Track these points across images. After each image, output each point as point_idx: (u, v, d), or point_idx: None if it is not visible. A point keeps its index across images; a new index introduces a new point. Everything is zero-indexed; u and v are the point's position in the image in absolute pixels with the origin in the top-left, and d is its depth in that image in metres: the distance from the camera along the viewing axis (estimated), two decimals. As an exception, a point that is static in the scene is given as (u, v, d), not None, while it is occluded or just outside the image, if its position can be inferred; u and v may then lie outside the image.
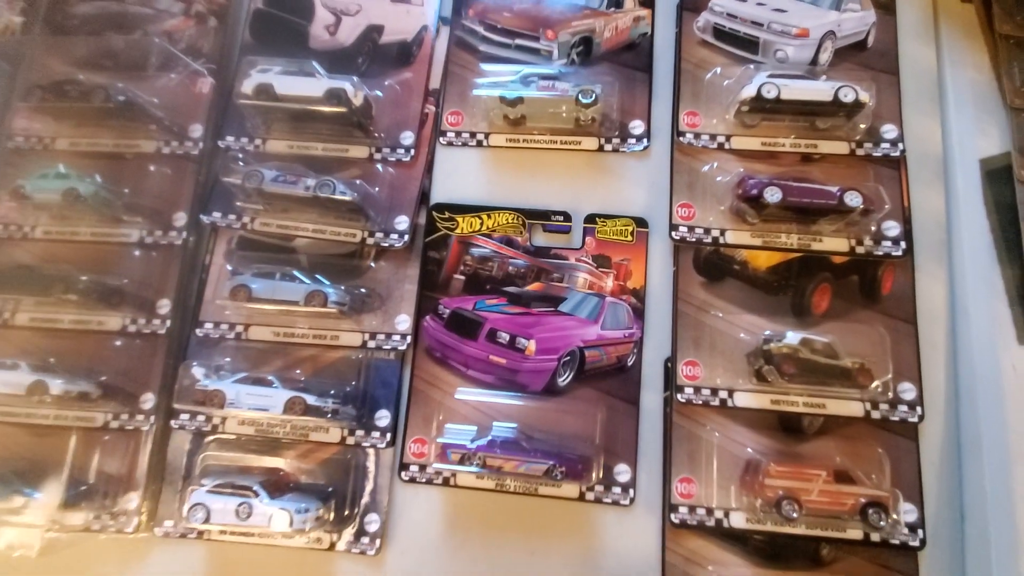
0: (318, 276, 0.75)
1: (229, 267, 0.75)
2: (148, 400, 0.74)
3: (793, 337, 0.68)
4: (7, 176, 0.83)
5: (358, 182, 0.76)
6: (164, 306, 0.76)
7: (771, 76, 0.73)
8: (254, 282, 0.71)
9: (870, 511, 0.62)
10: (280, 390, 0.68)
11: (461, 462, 0.67)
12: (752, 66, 0.77)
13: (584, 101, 0.75)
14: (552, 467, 0.66)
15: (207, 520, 0.66)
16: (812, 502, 0.63)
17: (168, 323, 0.76)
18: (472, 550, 0.71)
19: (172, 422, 0.74)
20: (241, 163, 0.76)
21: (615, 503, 0.70)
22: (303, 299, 0.71)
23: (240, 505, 0.65)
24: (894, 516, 0.63)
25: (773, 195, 0.69)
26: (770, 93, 0.72)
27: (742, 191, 0.71)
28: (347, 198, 0.73)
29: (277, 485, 0.69)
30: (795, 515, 0.62)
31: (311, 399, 0.68)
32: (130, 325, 0.76)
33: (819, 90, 0.72)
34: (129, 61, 0.84)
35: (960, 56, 0.80)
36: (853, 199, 0.68)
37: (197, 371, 0.69)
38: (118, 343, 0.76)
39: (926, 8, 0.82)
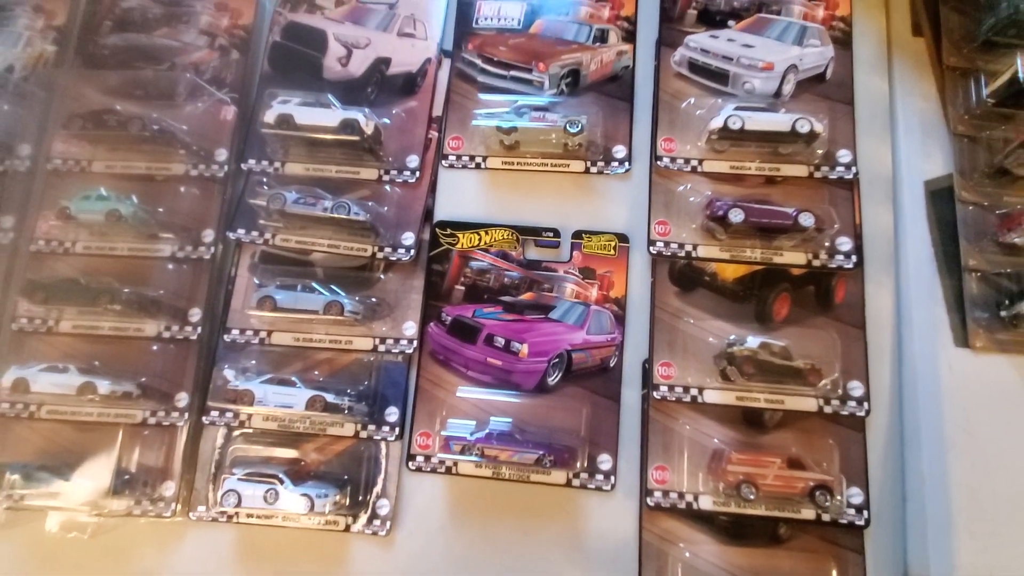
0: (334, 287, 0.84)
1: (256, 280, 0.84)
2: (182, 399, 0.83)
3: (753, 341, 0.77)
4: (48, 196, 0.91)
5: (370, 204, 0.85)
6: (195, 314, 0.85)
7: (737, 109, 0.82)
8: (278, 293, 0.80)
9: (817, 493, 0.71)
10: (302, 389, 0.77)
11: (462, 452, 0.76)
12: (720, 99, 0.86)
13: (571, 131, 0.84)
14: (542, 456, 0.75)
15: (239, 504, 0.75)
16: (768, 486, 0.72)
17: (199, 330, 0.84)
18: (472, 531, 0.80)
19: (203, 418, 0.82)
20: (265, 186, 0.85)
21: (598, 488, 0.79)
22: (322, 309, 0.80)
23: (267, 491, 0.74)
24: (838, 497, 0.73)
25: (736, 216, 0.78)
26: (735, 124, 0.81)
27: (710, 212, 0.80)
28: (361, 218, 0.81)
29: (299, 473, 0.78)
30: (752, 497, 0.71)
31: (330, 397, 0.76)
32: (165, 332, 0.84)
33: (778, 121, 0.81)
34: (158, 91, 0.92)
35: (910, 87, 0.88)
36: (806, 219, 0.77)
37: (228, 373, 0.78)
38: (155, 348, 0.85)
39: (880, 43, 0.91)
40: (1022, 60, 0.81)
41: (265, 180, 0.87)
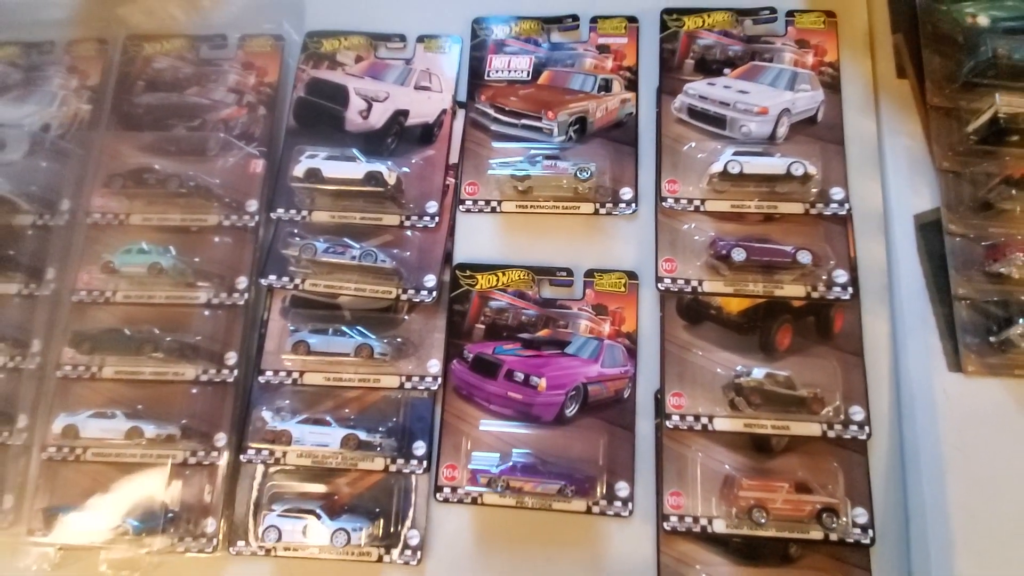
0: (361, 328, 0.89)
1: (290, 326, 0.89)
2: (221, 439, 0.88)
3: (759, 372, 0.82)
4: (88, 249, 0.97)
5: (395, 251, 0.90)
6: (231, 358, 0.90)
7: (735, 154, 0.88)
8: (311, 338, 0.85)
9: (824, 515, 0.76)
10: (336, 428, 0.82)
11: (488, 485, 0.80)
12: (720, 143, 0.92)
13: (582, 177, 0.90)
14: (564, 486, 0.79)
15: (279, 539, 0.79)
16: (777, 509, 0.76)
17: (235, 372, 0.89)
18: (498, 559, 0.84)
19: (241, 457, 0.87)
20: (296, 237, 0.90)
21: (617, 515, 0.83)
22: (353, 351, 0.85)
23: (305, 526, 0.79)
24: (844, 519, 0.77)
25: (739, 255, 0.84)
26: (734, 169, 0.87)
27: (714, 251, 0.86)
28: (387, 265, 0.87)
29: (334, 507, 0.82)
30: (763, 521, 0.76)
31: (362, 435, 0.81)
32: (203, 375, 0.89)
33: (774, 165, 0.87)
34: (191, 147, 0.98)
35: (897, 126, 0.94)
36: (804, 257, 0.83)
37: (266, 414, 0.83)
38: (194, 391, 0.90)
39: (867, 86, 0.97)
40: (1001, 99, 0.87)
41: (296, 231, 0.92)
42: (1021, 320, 0.79)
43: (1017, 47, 0.90)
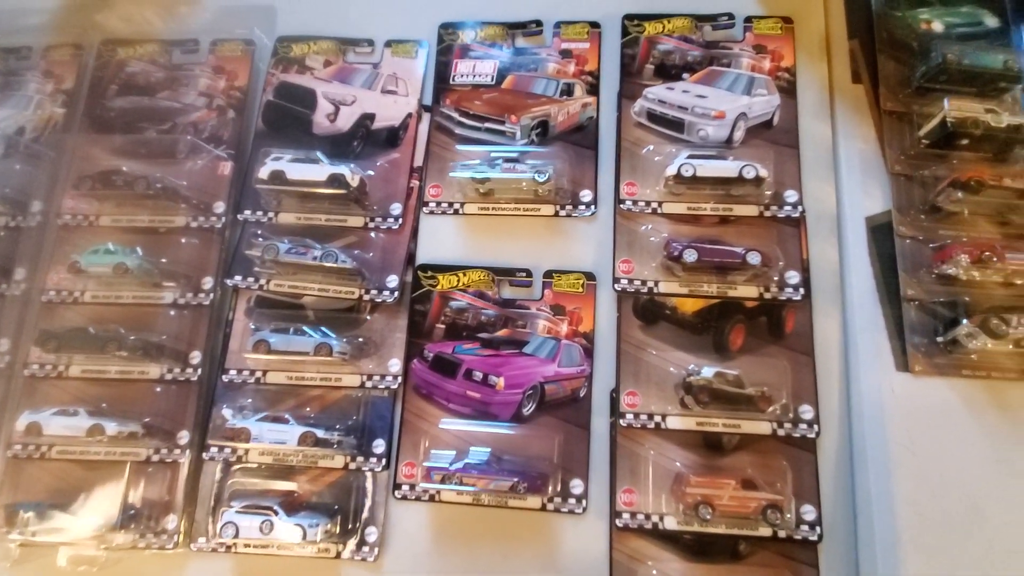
0: (324, 328, 0.91)
1: (252, 325, 0.91)
2: (184, 436, 0.89)
3: (708, 371, 0.83)
4: (59, 249, 0.98)
5: (356, 252, 0.92)
6: (196, 357, 0.92)
7: (689, 157, 0.90)
8: (272, 337, 0.87)
9: (768, 511, 0.77)
10: (294, 426, 0.83)
11: (443, 481, 0.82)
12: (676, 147, 0.94)
13: (539, 180, 0.91)
14: (516, 483, 0.81)
15: (236, 535, 0.80)
16: (723, 506, 0.78)
17: (199, 371, 0.91)
18: (454, 555, 0.86)
19: (204, 454, 0.88)
20: (260, 238, 0.92)
21: (571, 512, 0.85)
22: (313, 350, 0.86)
23: (263, 522, 0.80)
24: (788, 515, 0.79)
25: (691, 256, 0.86)
26: (687, 172, 0.89)
27: (667, 252, 0.87)
28: (348, 266, 0.89)
29: (292, 504, 0.84)
30: (709, 517, 0.77)
31: (320, 432, 0.83)
32: (167, 374, 0.91)
33: (727, 168, 0.89)
34: (161, 150, 1.00)
35: (851, 130, 0.96)
36: (753, 258, 0.85)
37: (226, 412, 0.85)
38: (158, 389, 0.91)
39: (822, 91, 0.99)
40: (950, 105, 0.89)
41: (259, 232, 0.94)
42: (965, 321, 0.81)
43: (967, 53, 0.92)
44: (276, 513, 0.80)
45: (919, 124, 0.93)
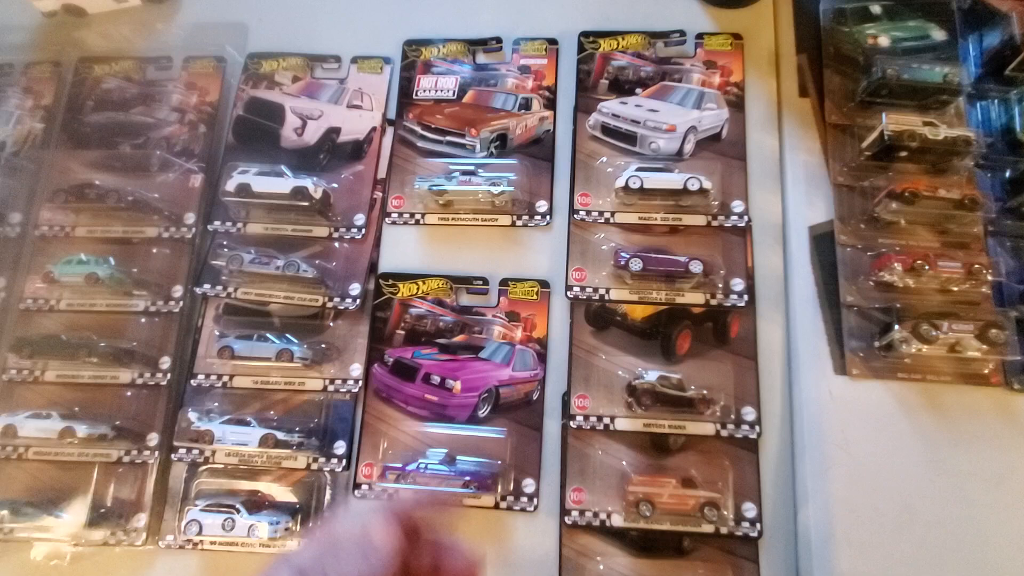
0: (288, 335, 0.94)
1: (216, 331, 0.95)
2: (153, 438, 0.93)
3: (652, 375, 0.87)
4: (36, 259, 1.02)
5: (317, 262, 0.96)
6: (165, 362, 0.95)
7: (637, 170, 0.94)
8: (236, 343, 0.91)
9: (706, 508, 0.81)
10: (256, 428, 0.87)
11: (396, 481, 0.86)
12: (625, 161, 0.98)
13: (494, 191, 0.95)
14: (467, 482, 0.84)
15: (200, 532, 0.84)
16: (663, 503, 0.81)
17: (168, 376, 0.95)
18: (412, 551, 0.89)
19: (172, 456, 0.92)
20: (225, 248, 0.96)
21: (523, 510, 0.88)
22: (274, 356, 0.90)
23: (225, 520, 0.84)
24: (724, 511, 0.82)
25: (636, 265, 0.89)
26: (635, 184, 0.92)
27: (615, 262, 0.91)
28: (309, 275, 0.93)
29: (255, 503, 0.87)
30: (648, 514, 0.81)
31: (280, 435, 0.86)
32: (138, 379, 0.95)
33: (673, 180, 0.92)
34: (135, 164, 1.04)
35: (797, 143, 1.00)
36: (695, 267, 0.88)
37: (191, 415, 0.89)
38: (129, 393, 0.95)
39: (770, 105, 1.02)
40: (888, 119, 0.92)
41: (226, 243, 0.98)
42: (897, 326, 0.85)
43: (906, 68, 0.96)
44: (238, 511, 0.84)
45: (862, 137, 0.97)
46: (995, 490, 0.84)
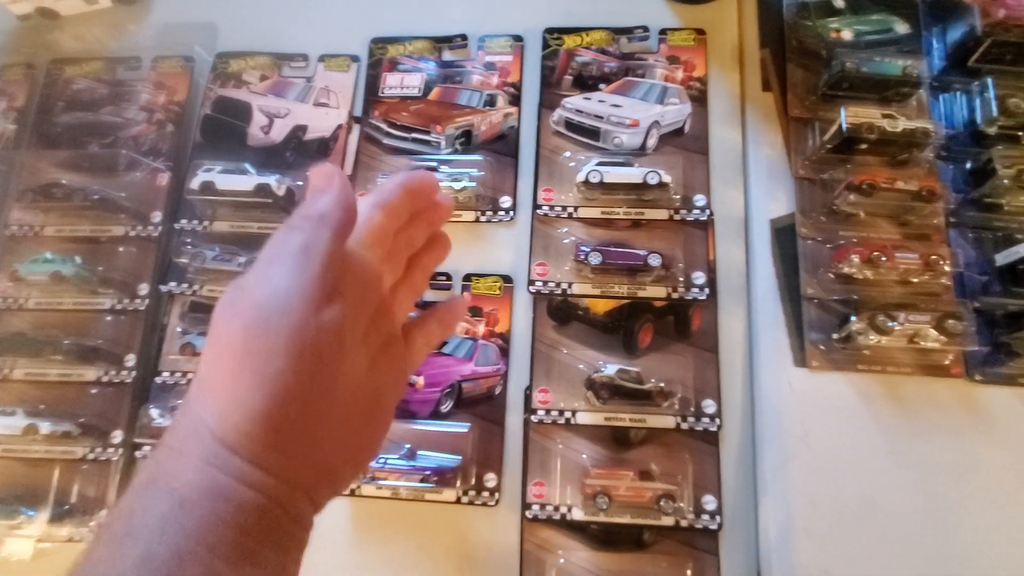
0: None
1: (179, 328, 0.95)
2: (117, 436, 0.93)
3: (611, 368, 0.87)
4: (6, 259, 1.03)
5: (278, 258, 0.96)
6: (130, 360, 0.96)
7: (597, 164, 0.94)
8: (198, 339, 0.91)
9: (662, 501, 0.81)
10: (217, 424, 0.87)
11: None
12: (583, 156, 0.98)
13: (455, 187, 0.96)
14: (426, 476, 0.85)
15: (161, 528, 0.84)
16: (620, 496, 0.82)
17: (133, 373, 0.95)
18: (372, 548, 0.89)
19: (136, 453, 0.93)
20: (189, 245, 0.96)
21: (484, 504, 0.88)
22: (235, 352, 0.90)
23: (186, 515, 0.84)
24: (680, 503, 0.82)
25: (595, 259, 0.90)
26: (595, 179, 0.93)
27: (574, 256, 0.91)
28: (270, 271, 0.93)
29: (217, 499, 0.88)
30: (605, 507, 0.81)
31: (241, 430, 0.87)
32: (104, 376, 0.95)
33: (632, 174, 0.93)
34: (103, 164, 1.05)
35: (759, 136, 1.00)
36: (654, 260, 0.89)
37: (153, 411, 0.89)
38: (94, 391, 0.95)
39: (733, 99, 1.03)
40: (846, 111, 0.93)
41: (189, 240, 0.98)
42: (854, 318, 0.85)
43: (865, 61, 0.96)
44: (199, 507, 0.84)
45: (823, 130, 0.97)
46: (957, 482, 0.84)
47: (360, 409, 0.41)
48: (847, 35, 1.04)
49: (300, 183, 1.02)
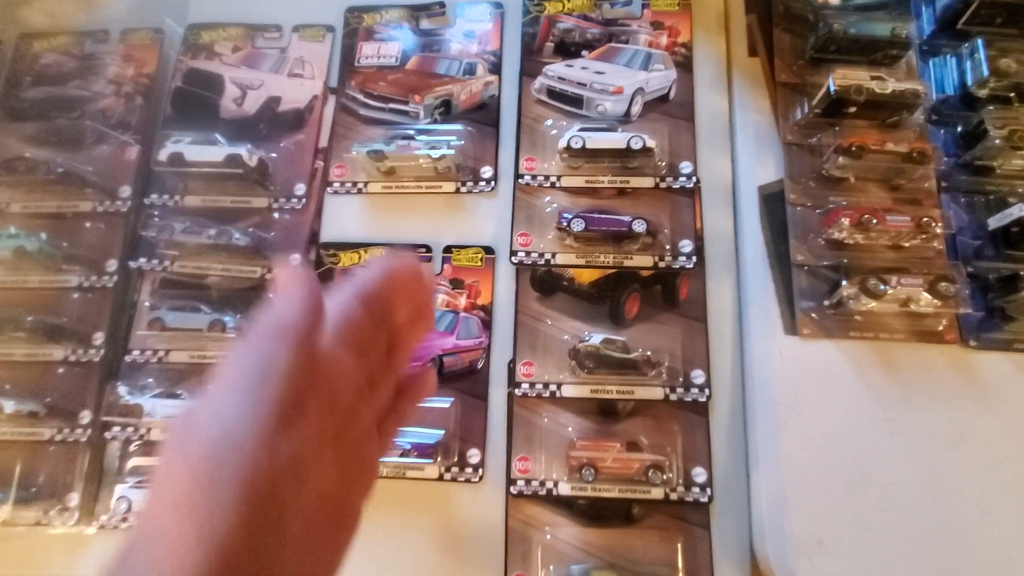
0: (224, 306, 0.92)
1: (147, 303, 0.92)
2: (85, 416, 0.90)
3: (596, 338, 0.84)
4: (-30, 237, 1.00)
5: (251, 229, 0.93)
6: (98, 338, 0.92)
7: (580, 130, 0.91)
8: (167, 315, 0.88)
9: (650, 472, 0.78)
10: (187, 401, 0.84)
11: (332, 451, 0.83)
12: (565, 123, 0.95)
13: (434, 155, 0.93)
14: (407, 451, 0.82)
15: (130, 510, 0.81)
16: (606, 468, 0.79)
17: (102, 352, 0.92)
18: (354, 526, 0.86)
19: (106, 433, 0.89)
20: (157, 218, 0.93)
21: (468, 481, 0.86)
22: (207, 327, 0.87)
23: (156, 496, 0.81)
24: (668, 474, 0.80)
25: (578, 225, 0.87)
26: (577, 144, 0.90)
27: (556, 223, 0.89)
28: (242, 244, 0.90)
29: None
30: (591, 479, 0.78)
31: (212, 407, 0.83)
32: (71, 355, 0.92)
33: (615, 139, 0.90)
34: (70, 137, 1.01)
35: (747, 102, 0.97)
36: (639, 225, 0.86)
37: (121, 389, 0.85)
38: (61, 370, 0.92)
39: (719, 65, 1.00)
40: (835, 74, 0.90)
41: (156, 213, 0.95)
42: (844, 282, 0.82)
43: (853, 22, 0.94)
44: (169, 487, 0.81)
45: (812, 95, 0.94)
46: (953, 450, 0.81)
47: (325, 520, 0.38)
48: (834, -1, 1.02)
49: (273, 155, 0.99)
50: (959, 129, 0.93)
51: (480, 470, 0.86)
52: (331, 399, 0.38)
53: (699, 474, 0.83)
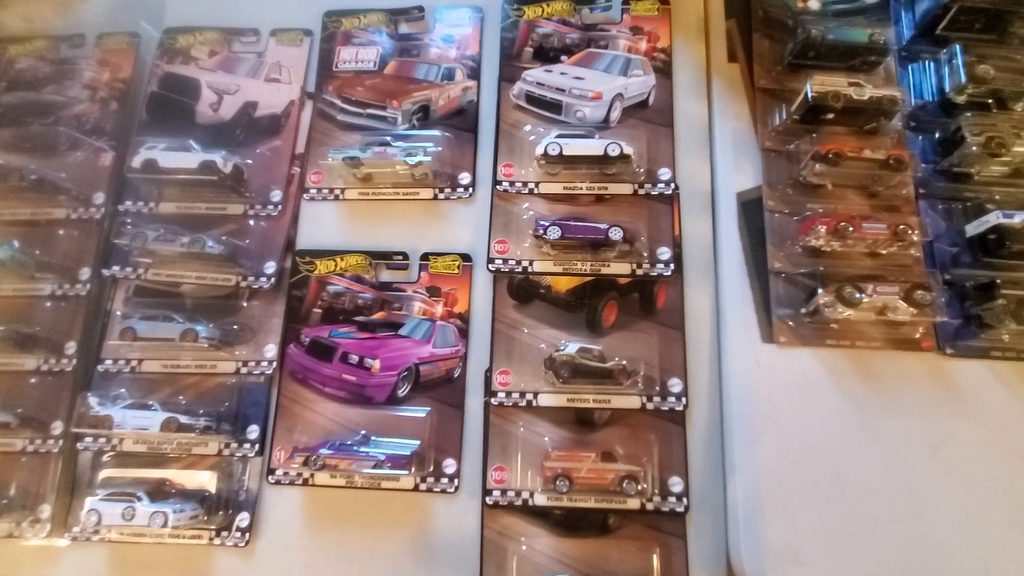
0: (197, 315, 0.91)
1: (119, 312, 0.91)
2: (57, 427, 0.89)
3: (572, 347, 0.84)
4: (-58, 244, 0.98)
5: (224, 237, 0.92)
6: (71, 348, 0.91)
7: (557, 136, 0.91)
8: (139, 324, 0.87)
9: (625, 482, 0.78)
10: (159, 412, 0.83)
11: (305, 464, 0.82)
12: (542, 129, 0.95)
13: (410, 161, 0.92)
14: (380, 463, 0.81)
15: (99, 522, 0.80)
16: (582, 478, 0.78)
17: (74, 362, 0.91)
18: (327, 538, 0.85)
19: (78, 444, 0.88)
20: (130, 226, 0.92)
21: (443, 491, 0.85)
22: (179, 336, 0.86)
23: (125, 509, 0.80)
24: (643, 485, 0.79)
25: (554, 233, 0.86)
26: (554, 151, 0.89)
27: (533, 230, 0.88)
28: (215, 252, 0.89)
29: (160, 491, 0.83)
30: (566, 489, 0.78)
31: (184, 418, 0.82)
32: (43, 365, 0.90)
33: (592, 146, 0.89)
34: (43, 144, 1.00)
35: (725, 108, 0.97)
36: (615, 233, 0.85)
37: (92, 400, 0.84)
38: (33, 380, 0.91)
39: (699, 71, 0.99)
40: (813, 80, 0.90)
41: (129, 220, 0.94)
42: (820, 290, 0.82)
43: (831, 28, 0.93)
44: (140, 499, 0.80)
45: (791, 101, 0.94)
46: (930, 458, 0.81)
47: None
48: (814, 4, 1.01)
49: (249, 161, 0.98)
50: (937, 135, 0.92)
51: (456, 480, 0.85)
52: None
53: (675, 484, 0.83)
